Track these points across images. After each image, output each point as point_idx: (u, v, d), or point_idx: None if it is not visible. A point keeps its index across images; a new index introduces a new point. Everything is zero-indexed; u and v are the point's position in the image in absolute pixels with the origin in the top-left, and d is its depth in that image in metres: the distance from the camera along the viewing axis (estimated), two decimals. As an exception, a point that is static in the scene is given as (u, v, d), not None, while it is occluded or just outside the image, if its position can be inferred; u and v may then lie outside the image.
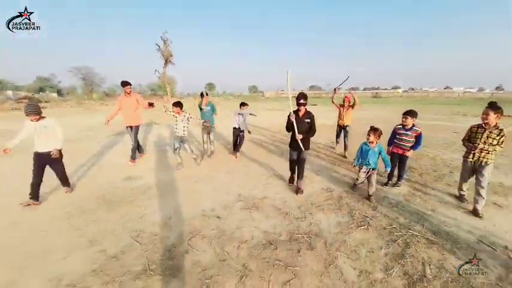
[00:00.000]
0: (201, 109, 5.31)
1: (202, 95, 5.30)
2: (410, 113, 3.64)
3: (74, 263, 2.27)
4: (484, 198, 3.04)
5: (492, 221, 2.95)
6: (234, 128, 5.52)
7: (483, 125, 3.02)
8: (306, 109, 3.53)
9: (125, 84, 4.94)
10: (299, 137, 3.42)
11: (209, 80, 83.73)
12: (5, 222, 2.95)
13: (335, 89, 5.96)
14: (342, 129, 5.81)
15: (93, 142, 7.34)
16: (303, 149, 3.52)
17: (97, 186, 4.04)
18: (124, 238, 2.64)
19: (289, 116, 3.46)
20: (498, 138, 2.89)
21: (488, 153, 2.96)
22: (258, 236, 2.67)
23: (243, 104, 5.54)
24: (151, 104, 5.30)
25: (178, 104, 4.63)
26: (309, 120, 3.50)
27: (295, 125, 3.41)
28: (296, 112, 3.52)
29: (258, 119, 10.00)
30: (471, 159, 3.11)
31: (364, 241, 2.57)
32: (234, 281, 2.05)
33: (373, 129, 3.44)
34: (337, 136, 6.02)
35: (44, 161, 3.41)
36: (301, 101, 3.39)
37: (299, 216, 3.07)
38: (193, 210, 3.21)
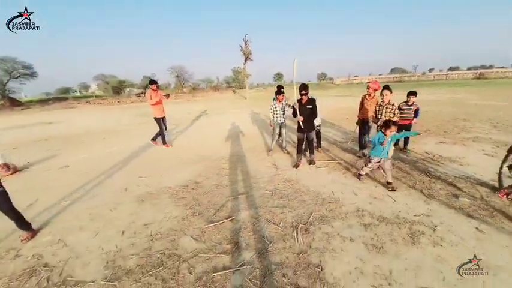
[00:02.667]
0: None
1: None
2: (412, 93, 4.72)
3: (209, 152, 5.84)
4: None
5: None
6: None
7: (381, 103, 4.26)
8: (307, 97, 4.11)
9: (153, 82, 5.66)
10: (300, 118, 4.08)
11: (277, 70, 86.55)
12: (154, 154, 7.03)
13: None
14: (364, 124, 4.77)
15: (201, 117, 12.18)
16: (305, 130, 4.20)
17: (218, 131, 8.08)
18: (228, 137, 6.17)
19: (293, 105, 4.24)
20: (394, 110, 4.15)
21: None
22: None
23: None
24: (168, 96, 6.38)
25: (280, 93, 4.89)
26: (310, 106, 4.09)
27: (297, 111, 4.12)
28: (300, 100, 4.17)
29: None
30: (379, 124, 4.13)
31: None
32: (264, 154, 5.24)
33: (392, 123, 3.25)
34: (360, 134, 4.90)
35: None
36: (303, 92, 3.99)
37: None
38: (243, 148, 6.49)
